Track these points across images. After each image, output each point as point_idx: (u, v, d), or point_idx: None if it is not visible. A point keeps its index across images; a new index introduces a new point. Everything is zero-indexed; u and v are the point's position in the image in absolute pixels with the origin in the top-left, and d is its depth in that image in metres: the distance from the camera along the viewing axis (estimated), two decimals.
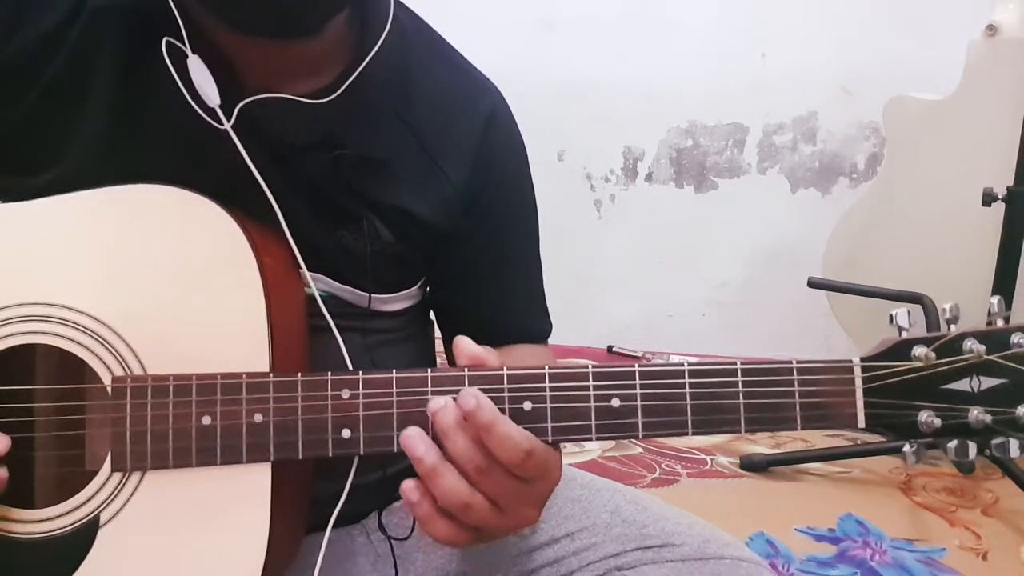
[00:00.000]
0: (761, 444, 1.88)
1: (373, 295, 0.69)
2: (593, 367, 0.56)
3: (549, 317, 0.80)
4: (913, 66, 2.05)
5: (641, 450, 1.85)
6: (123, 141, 0.62)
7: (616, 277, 2.42)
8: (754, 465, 1.73)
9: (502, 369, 0.55)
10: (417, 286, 0.73)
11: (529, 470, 0.53)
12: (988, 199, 1.60)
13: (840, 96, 2.23)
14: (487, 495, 0.53)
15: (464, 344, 0.56)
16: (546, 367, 0.55)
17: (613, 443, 1.88)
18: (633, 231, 2.41)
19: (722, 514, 1.47)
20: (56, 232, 0.58)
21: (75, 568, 0.56)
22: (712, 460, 1.79)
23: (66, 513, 0.57)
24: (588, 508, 0.73)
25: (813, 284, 1.75)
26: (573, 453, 1.82)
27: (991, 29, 1.71)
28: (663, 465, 1.77)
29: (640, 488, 1.62)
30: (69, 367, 0.57)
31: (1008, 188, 1.62)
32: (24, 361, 0.57)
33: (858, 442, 1.85)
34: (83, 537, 0.56)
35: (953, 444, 0.55)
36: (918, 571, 1.37)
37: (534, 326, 0.79)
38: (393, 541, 0.69)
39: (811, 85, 2.23)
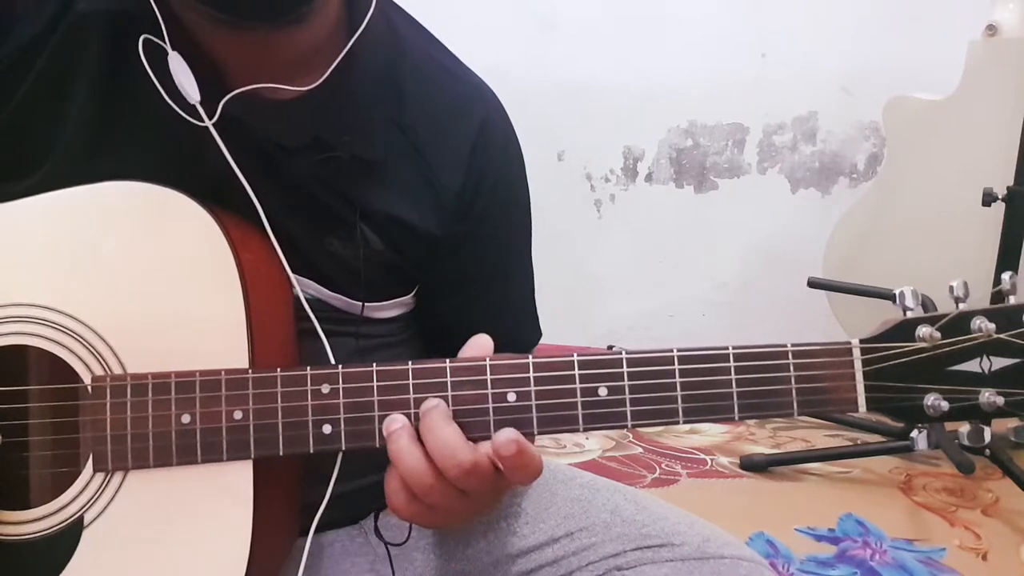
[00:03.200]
0: (761, 444, 1.88)
1: (366, 303, 0.68)
2: (579, 356, 0.54)
3: (539, 325, 0.80)
4: (913, 66, 2.05)
5: (641, 450, 1.85)
6: (105, 144, 0.61)
7: (616, 277, 2.42)
8: (754, 465, 1.72)
9: (484, 360, 0.54)
10: (410, 295, 0.72)
11: (471, 483, 0.54)
12: (988, 199, 1.60)
13: (840, 96, 2.23)
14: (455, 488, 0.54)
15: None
16: (530, 357, 0.54)
17: (613, 443, 1.88)
18: (633, 231, 2.41)
19: (722, 514, 1.47)
20: (32, 233, 0.58)
21: (60, 569, 0.55)
22: (712, 460, 1.79)
23: (50, 514, 0.56)
24: (588, 508, 0.73)
25: (813, 284, 1.75)
26: (573, 453, 1.82)
27: (991, 29, 1.71)
28: (663, 465, 1.77)
29: (640, 488, 1.62)
30: (50, 367, 0.56)
31: (1008, 188, 1.62)
32: (4, 363, 0.57)
33: (858, 442, 1.85)
34: (68, 538, 0.56)
35: (966, 429, 0.52)
36: (918, 571, 1.37)
37: (524, 335, 0.78)
38: (391, 543, 0.69)
39: (811, 85, 2.23)
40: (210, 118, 0.59)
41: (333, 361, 0.60)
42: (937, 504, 1.59)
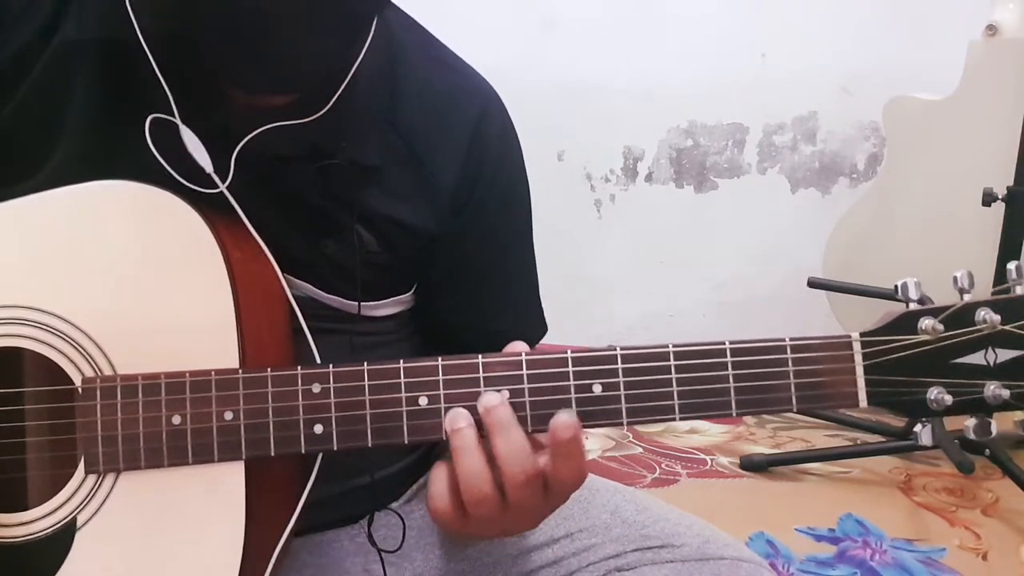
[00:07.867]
0: (761, 444, 1.88)
1: (361, 303, 0.67)
2: (572, 352, 0.54)
3: (544, 320, 0.79)
4: (913, 66, 2.05)
5: (641, 450, 1.85)
6: (98, 165, 0.60)
7: (616, 277, 2.42)
8: (754, 465, 1.73)
9: (477, 358, 0.54)
10: (410, 292, 0.72)
11: (524, 494, 0.53)
12: (988, 199, 1.60)
13: (840, 96, 2.23)
14: (509, 498, 0.53)
15: None
16: (523, 354, 0.54)
17: (613, 443, 1.88)
18: (633, 231, 2.41)
19: (722, 514, 1.47)
20: (20, 233, 0.57)
21: (54, 572, 0.55)
22: (712, 460, 1.79)
23: (43, 517, 0.56)
24: (588, 508, 0.73)
25: (813, 284, 1.75)
26: None
27: (991, 29, 1.71)
28: (663, 465, 1.77)
29: (640, 488, 1.62)
30: (39, 369, 0.56)
31: (1008, 188, 1.62)
32: None
33: (858, 442, 1.85)
34: (61, 541, 0.55)
35: (972, 423, 0.51)
36: (918, 571, 1.37)
37: (527, 330, 0.77)
38: (388, 543, 0.69)
39: (811, 85, 2.23)
40: (220, 169, 0.58)
41: (319, 361, 0.59)
42: (937, 504, 1.59)
